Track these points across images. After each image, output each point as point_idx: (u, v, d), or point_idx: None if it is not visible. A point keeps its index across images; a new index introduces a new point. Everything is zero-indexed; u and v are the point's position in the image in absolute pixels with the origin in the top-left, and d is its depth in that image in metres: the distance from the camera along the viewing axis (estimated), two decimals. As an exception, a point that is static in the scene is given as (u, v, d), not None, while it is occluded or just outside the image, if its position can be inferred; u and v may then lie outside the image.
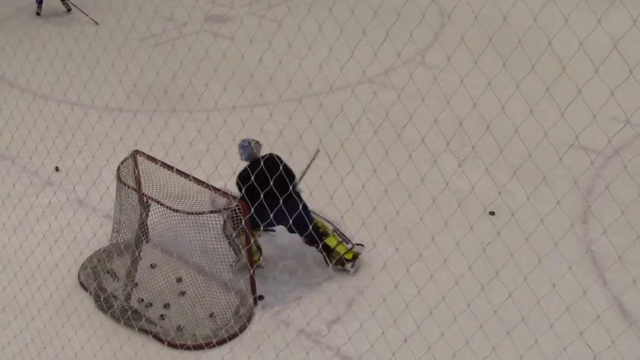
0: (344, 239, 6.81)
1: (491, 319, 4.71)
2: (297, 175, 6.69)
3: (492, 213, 6.99)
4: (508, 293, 4.49)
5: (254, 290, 6.46)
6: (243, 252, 6.36)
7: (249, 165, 6.41)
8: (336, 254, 6.69)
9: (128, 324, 6.18)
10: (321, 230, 6.72)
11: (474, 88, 5.05)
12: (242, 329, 6.22)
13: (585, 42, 4.13)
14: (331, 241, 6.72)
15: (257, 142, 6.68)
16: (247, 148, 6.65)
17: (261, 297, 6.58)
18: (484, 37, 4.73)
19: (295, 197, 6.21)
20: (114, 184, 6.52)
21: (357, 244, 6.79)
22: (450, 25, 11.56)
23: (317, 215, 6.89)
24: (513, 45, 4.72)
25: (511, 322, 4.83)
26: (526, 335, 4.79)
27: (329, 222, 6.90)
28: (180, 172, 6.33)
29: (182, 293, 6.58)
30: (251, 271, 6.17)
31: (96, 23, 12.67)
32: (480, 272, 4.85)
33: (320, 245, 6.66)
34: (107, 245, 6.95)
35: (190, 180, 6.21)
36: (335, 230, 6.83)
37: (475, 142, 4.86)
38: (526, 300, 4.97)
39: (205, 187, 6.23)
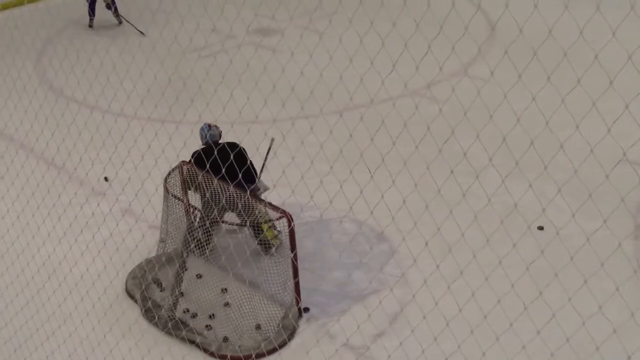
0: (273, 226, 6.99)
1: (535, 340, 4.58)
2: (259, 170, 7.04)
3: (540, 228, 6.88)
4: (552, 313, 4.36)
5: (299, 302, 6.45)
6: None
7: (202, 148, 6.77)
8: (264, 237, 6.89)
9: (173, 334, 6.21)
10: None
11: (520, 102, 4.95)
12: (287, 341, 6.20)
13: (634, 55, 4.00)
14: (263, 225, 6.86)
15: (216, 127, 6.94)
16: (203, 130, 6.96)
17: (307, 309, 6.57)
18: (529, 51, 4.62)
19: (244, 185, 6.27)
20: (159, 195, 6.56)
21: (278, 231, 7.00)
22: (496, 38, 11.42)
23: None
24: (559, 59, 4.61)
25: (556, 343, 4.70)
26: (571, 358, 4.65)
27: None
28: (222, 183, 6.37)
29: (228, 304, 6.59)
30: (293, 280, 6.17)
31: (142, 34, 12.86)
32: (524, 291, 4.74)
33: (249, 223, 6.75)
34: (154, 255, 7.02)
35: (233, 191, 6.27)
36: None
37: (519, 157, 4.75)
38: (573, 320, 4.82)
39: (248, 198, 6.29)
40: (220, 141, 7.03)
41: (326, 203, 5.39)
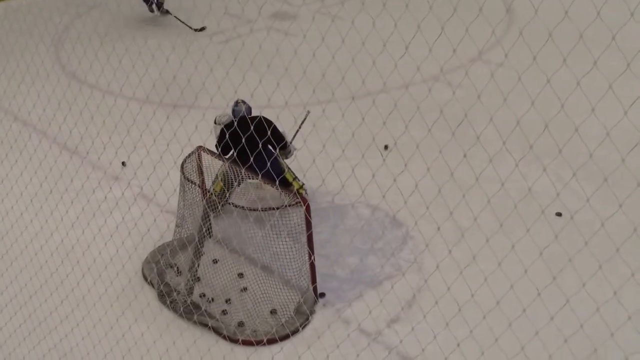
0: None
1: (549, 326, 4.53)
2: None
3: (559, 214, 6.82)
4: (566, 299, 4.31)
5: (315, 288, 6.45)
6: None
7: (236, 122, 6.87)
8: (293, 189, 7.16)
9: (185, 317, 6.23)
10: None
11: (536, 86, 4.88)
12: (300, 327, 6.20)
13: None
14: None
15: (243, 102, 7.16)
16: (233, 105, 7.17)
17: (322, 295, 6.57)
18: (545, 33, 4.54)
19: (265, 156, 6.36)
20: (171, 179, 6.54)
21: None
22: (512, 21, 11.30)
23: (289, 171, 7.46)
24: (576, 41, 4.53)
25: (570, 329, 4.64)
26: (585, 344, 4.61)
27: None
28: (236, 166, 6.37)
29: (244, 289, 6.59)
30: (308, 262, 6.17)
31: (200, 29, 12.32)
32: (538, 277, 4.69)
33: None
34: (171, 240, 7.03)
35: (249, 175, 6.29)
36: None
37: (533, 142, 4.68)
38: (587, 306, 4.76)
39: (265, 183, 6.30)
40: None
41: (339, 188, 5.37)
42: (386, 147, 7.82)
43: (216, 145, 7.08)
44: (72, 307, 6.04)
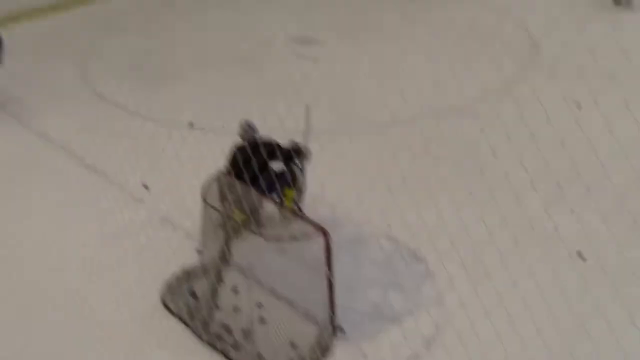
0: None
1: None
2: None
3: (580, 254, 6.74)
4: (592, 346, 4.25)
5: (334, 321, 6.39)
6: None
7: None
8: None
9: (206, 344, 6.20)
10: None
11: (564, 123, 4.84)
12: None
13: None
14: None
15: (249, 125, 6.96)
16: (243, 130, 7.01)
17: (341, 329, 6.51)
18: (574, 69, 4.54)
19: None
20: (197, 204, 6.53)
21: None
22: (539, 56, 11.29)
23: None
24: (603, 79, 4.50)
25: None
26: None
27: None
28: (262, 195, 6.36)
29: (263, 319, 6.54)
30: (329, 297, 6.13)
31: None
32: (562, 321, 4.63)
33: None
34: (193, 266, 7.00)
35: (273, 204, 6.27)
36: None
37: (562, 182, 4.64)
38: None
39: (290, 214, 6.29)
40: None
41: (363, 220, 5.34)
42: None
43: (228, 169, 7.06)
44: (93, 332, 6.02)
